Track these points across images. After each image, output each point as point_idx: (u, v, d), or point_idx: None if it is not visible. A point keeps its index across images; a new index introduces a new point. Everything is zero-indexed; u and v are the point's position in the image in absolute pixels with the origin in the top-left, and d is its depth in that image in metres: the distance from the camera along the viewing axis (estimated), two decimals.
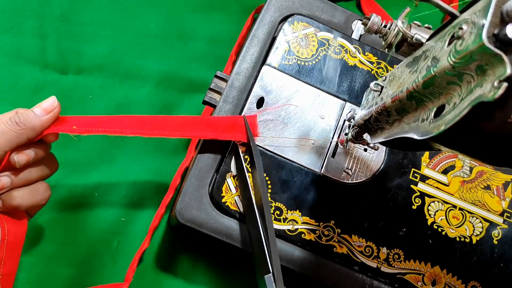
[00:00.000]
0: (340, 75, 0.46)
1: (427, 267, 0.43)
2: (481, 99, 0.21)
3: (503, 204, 0.45)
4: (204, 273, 0.47)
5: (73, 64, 0.50)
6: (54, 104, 0.35)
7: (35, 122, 0.34)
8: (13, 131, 0.33)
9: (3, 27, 0.49)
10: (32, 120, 0.34)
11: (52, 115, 0.35)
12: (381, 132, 0.35)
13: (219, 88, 0.45)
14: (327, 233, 0.42)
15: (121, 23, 0.51)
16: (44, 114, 0.35)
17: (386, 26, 0.32)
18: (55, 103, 0.35)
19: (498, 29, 0.21)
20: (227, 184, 0.42)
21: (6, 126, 0.33)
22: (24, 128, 0.34)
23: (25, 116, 0.34)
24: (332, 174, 0.43)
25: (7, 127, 0.33)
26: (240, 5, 0.55)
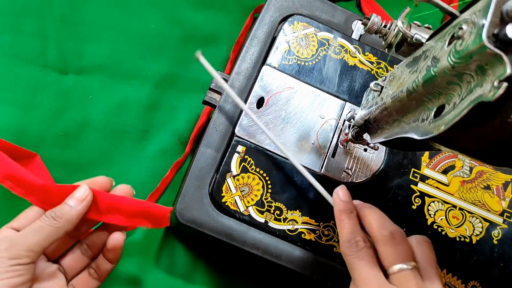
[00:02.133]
0: (340, 75, 0.46)
1: None
2: (481, 99, 0.21)
3: (503, 204, 0.45)
4: (204, 273, 0.47)
5: (73, 64, 0.50)
6: (86, 193, 0.35)
7: (71, 214, 0.34)
8: (51, 226, 0.33)
9: (3, 27, 0.49)
10: (68, 213, 0.34)
11: (86, 204, 0.35)
12: (381, 132, 0.35)
13: (219, 88, 0.45)
14: (327, 233, 0.42)
15: (121, 23, 0.51)
16: (78, 204, 0.34)
17: (386, 26, 0.32)
18: (87, 191, 0.35)
19: (498, 29, 0.21)
20: (227, 184, 0.42)
21: (44, 222, 0.33)
22: (61, 221, 0.34)
23: (60, 210, 0.34)
24: (332, 174, 0.43)
25: (44, 223, 0.33)
26: (240, 5, 0.55)
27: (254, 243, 0.41)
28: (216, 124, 0.44)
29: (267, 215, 0.42)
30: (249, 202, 0.42)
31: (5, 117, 0.47)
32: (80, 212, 0.34)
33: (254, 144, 0.43)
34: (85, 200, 0.35)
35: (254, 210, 0.42)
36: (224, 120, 0.44)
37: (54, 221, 0.33)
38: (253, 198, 0.42)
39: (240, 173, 0.42)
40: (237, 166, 0.42)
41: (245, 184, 0.42)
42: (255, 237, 0.41)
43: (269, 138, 0.37)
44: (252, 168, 0.42)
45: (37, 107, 0.47)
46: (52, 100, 0.48)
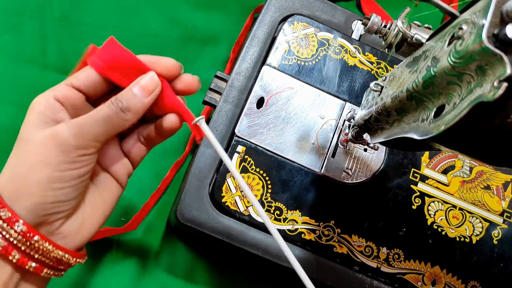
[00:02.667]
0: (340, 75, 0.46)
1: (427, 267, 0.43)
2: (481, 99, 0.21)
3: (503, 204, 0.45)
4: (204, 273, 0.47)
5: (73, 64, 0.49)
6: (154, 84, 0.31)
7: (138, 107, 0.30)
8: (118, 118, 0.29)
9: (3, 27, 0.49)
10: (135, 105, 0.30)
11: (154, 96, 0.31)
12: (381, 132, 0.35)
13: (219, 88, 0.45)
14: (327, 233, 0.42)
15: (121, 23, 0.51)
16: (146, 96, 0.30)
17: (386, 26, 0.32)
18: (155, 82, 0.31)
19: (498, 29, 0.21)
20: (227, 184, 0.42)
21: (112, 111, 0.29)
22: (129, 114, 0.30)
23: (128, 101, 0.30)
24: (332, 174, 0.43)
25: (113, 114, 0.29)
26: (240, 5, 0.55)
27: (254, 243, 0.41)
28: (216, 124, 0.44)
29: (267, 215, 0.42)
30: (249, 202, 0.42)
31: (5, 117, 0.47)
32: (148, 105, 0.30)
33: (254, 144, 0.43)
34: (153, 93, 0.31)
35: (254, 210, 0.42)
36: (224, 120, 0.44)
37: (122, 113, 0.30)
38: None
39: (240, 173, 0.42)
40: (237, 166, 0.42)
41: None
42: (255, 237, 0.41)
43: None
44: (252, 168, 0.42)
45: None
46: None
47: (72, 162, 0.28)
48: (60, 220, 0.29)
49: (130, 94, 0.30)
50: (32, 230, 0.27)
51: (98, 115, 0.29)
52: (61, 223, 0.29)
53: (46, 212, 0.28)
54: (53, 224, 0.29)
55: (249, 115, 0.44)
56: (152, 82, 0.31)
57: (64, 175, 0.28)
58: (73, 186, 0.29)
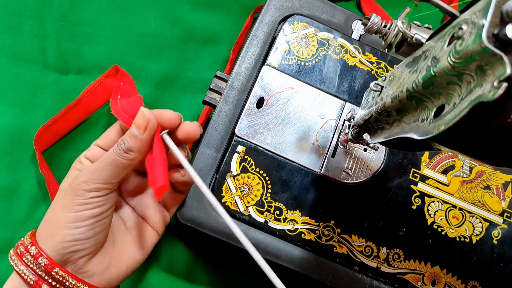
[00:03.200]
0: (340, 75, 0.46)
1: (427, 267, 0.43)
2: (481, 99, 0.21)
3: (503, 204, 0.45)
4: (204, 273, 0.47)
5: (73, 64, 0.50)
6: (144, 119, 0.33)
7: (138, 145, 0.33)
8: (124, 159, 0.33)
9: (3, 27, 0.49)
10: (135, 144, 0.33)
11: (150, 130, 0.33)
12: (381, 132, 0.35)
13: (219, 88, 0.45)
14: (327, 233, 0.42)
15: (121, 23, 0.51)
16: (142, 133, 0.33)
17: (386, 26, 0.32)
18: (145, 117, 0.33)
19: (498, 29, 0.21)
20: (227, 184, 0.42)
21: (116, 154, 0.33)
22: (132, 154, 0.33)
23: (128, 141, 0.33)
24: (332, 174, 0.43)
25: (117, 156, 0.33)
26: (240, 5, 0.55)
27: (254, 243, 0.41)
28: (216, 124, 0.44)
29: (267, 215, 0.42)
30: (249, 202, 0.42)
31: (5, 117, 0.47)
32: (146, 139, 0.33)
33: (254, 144, 0.43)
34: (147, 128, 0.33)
35: (254, 210, 0.42)
36: (224, 120, 0.44)
37: (126, 154, 0.33)
38: (253, 198, 0.42)
39: (240, 173, 0.42)
40: (237, 166, 0.42)
41: (245, 184, 0.42)
42: (255, 237, 0.41)
43: None
44: (252, 168, 0.42)
45: (37, 107, 0.48)
46: (52, 100, 0.48)
47: (85, 204, 0.32)
48: (82, 258, 0.33)
49: (129, 134, 0.33)
50: (54, 263, 0.31)
51: (107, 160, 0.33)
52: (85, 262, 0.33)
53: (67, 250, 0.32)
54: (77, 262, 0.32)
55: (249, 115, 0.44)
56: (142, 117, 0.33)
57: (78, 215, 0.32)
58: (89, 225, 0.32)
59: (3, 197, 0.45)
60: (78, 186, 0.32)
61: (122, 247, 0.36)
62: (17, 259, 0.32)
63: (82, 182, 0.32)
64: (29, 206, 0.45)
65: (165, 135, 0.34)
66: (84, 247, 0.32)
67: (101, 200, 0.32)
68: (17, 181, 0.46)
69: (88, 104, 0.47)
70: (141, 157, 0.34)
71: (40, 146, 0.45)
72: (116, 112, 0.35)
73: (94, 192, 0.32)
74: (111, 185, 0.33)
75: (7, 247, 0.44)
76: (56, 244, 0.32)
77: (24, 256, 0.32)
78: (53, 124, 0.45)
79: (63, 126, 0.47)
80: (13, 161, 0.46)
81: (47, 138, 0.46)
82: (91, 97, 0.47)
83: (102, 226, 0.33)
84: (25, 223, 0.45)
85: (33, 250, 0.32)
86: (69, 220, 0.32)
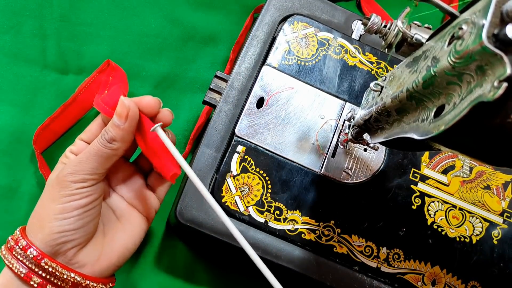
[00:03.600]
0: (340, 75, 0.46)
1: (427, 267, 0.43)
2: (481, 99, 0.21)
3: (503, 204, 0.45)
4: (204, 273, 0.47)
5: (73, 64, 0.50)
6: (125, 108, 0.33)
7: (121, 134, 0.33)
8: (108, 149, 0.33)
9: (3, 27, 0.49)
10: (118, 133, 0.33)
11: (132, 119, 0.33)
12: (381, 132, 0.35)
13: (219, 88, 0.45)
14: (327, 233, 0.42)
15: (121, 23, 0.51)
16: (124, 122, 0.33)
17: (386, 26, 0.32)
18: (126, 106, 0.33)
19: (498, 29, 0.21)
20: (227, 184, 0.42)
21: (100, 145, 0.33)
22: (116, 143, 0.33)
23: (111, 131, 0.33)
24: (332, 174, 0.43)
25: (101, 147, 0.33)
26: (240, 5, 0.55)
27: (254, 243, 0.41)
28: (216, 124, 0.44)
29: (267, 215, 0.42)
30: (249, 202, 0.42)
31: (5, 117, 0.47)
32: (129, 128, 0.33)
33: (254, 144, 0.43)
34: (129, 117, 0.33)
35: (254, 210, 0.42)
36: (224, 120, 0.44)
37: (110, 144, 0.33)
38: (253, 198, 0.42)
39: (240, 173, 0.42)
40: (237, 166, 0.42)
41: (245, 184, 0.42)
42: (255, 237, 0.41)
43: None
44: (252, 168, 0.42)
45: (37, 107, 0.48)
46: (52, 100, 0.48)
47: (72, 195, 0.32)
48: (73, 249, 0.33)
49: (111, 124, 0.33)
50: (43, 254, 0.32)
51: (91, 151, 0.33)
52: (75, 252, 0.33)
53: (56, 242, 0.32)
54: (68, 253, 0.33)
55: (249, 115, 0.44)
56: (123, 106, 0.33)
57: (65, 206, 0.32)
58: (77, 216, 0.32)
59: (3, 197, 0.45)
60: (64, 178, 0.32)
61: (112, 237, 0.36)
62: (8, 253, 0.32)
63: (68, 173, 0.32)
64: (29, 206, 0.45)
65: (159, 128, 0.34)
66: (73, 237, 0.32)
67: (88, 191, 0.33)
68: (17, 181, 0.46)
69: (84, 101, 0.47)
70: (125, 146, 0.34)
71: (39, 146, 0.45)
72: (98, 105, 0.35)
73: (80, 183, 0.32)
74: (97, 175, 0.33)
75: None
76: (45, 236, 0.32)
77: (14, 249, 0.32)
78: (50, 123, 0.45)
79: (61, 124, 0.47)
80: (13, 161, 0.46)
81: (46, 138, 0.46)
82: (87, 94, 0.47)
83: (91, 217, 0.33)
84: (25, 223, 0.45)
85: (22, 243, 0.32)
86: (57, 211, 0.32)
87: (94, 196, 0.33)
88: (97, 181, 0.33)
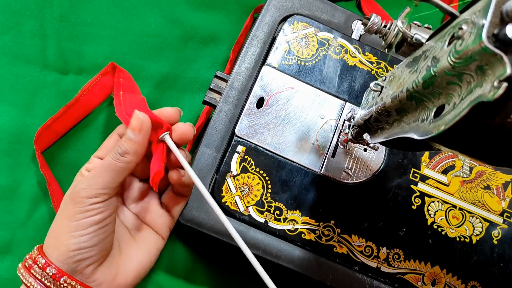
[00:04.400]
0: (340, 75, 0.46)
1: (427, 267, 0.43)
2: (481, 99, 0.21)
3: (503, 204, 0.45)
4: (204, 273, 0.47)
5: (73, 64, 0.50)
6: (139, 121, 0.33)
7: (134, 147, 0.33)
8: (120, 163, 0.33)
9: (3, 27, 0.49)
10: (131, 146, 0.33)
11: (145, 132, 0.34)
12: (381, 132, 0.35)
13: (219, 88, 0.45)
14: (327, 233, 0.42)
15: (121, 23, 0.51)
16: (137, 135, 0.33)
17: (386, 26, 0.32)
18: (139, 119, 0.33)
19: (498, 29, 0.21)
20: (227, 184, 0.42)
21: (113, 159, 0.33)
22: (129, 156, 0.33)
23: (124, 144, 0.33)
24: (332, 174, 0.43)
25: (113, 160, 0.33)
26: (240, 5, 0.55)
27: (254, 243, 0.41)
28: (216, 124, 0.44)
29: (267, 215, 0.42)
30: (249, 202, 0.42)
31: (5, 117, 0.47)
32: (142, 141, 0.34)
33: (254, 144, 0.43)
34: (142, 130, 0.33)
35: (254, 210, 0.42)
36: (224, 120, 0.44)
37: (122, 158, 0.33)
38: (253, 198, 0.42)
39: (240, 173, 0.42)
40: (237, 166, 0.42)
41: (245, 184, 0.42)
42: (255, 237, 0.41)
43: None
44: (252, 168, 0.42)
45: (37, 107, 0.48)
46: (52, 100, 0.48)
47: (86, 211, 0.32)
48: (90, 266, 0.33)
49: (125, 138, 0.33)
50: (61, 272, 0.31)
51: (104, 165, 0.33)
52: (92, 270, 0.33)
53: (73, 260, 0.32)
54: (85, 271, 0.32)
55: (249, 115, 0.44)
56: (137, 120, 0.33)
57: (80, 223, 0.32)
58: (92, 232, 0.32)
59: (3, 197, 0.45)
60: (77, 194, 0.32)
61: (128, 255, 0.36)
62: (25, 271, 0.32)
63: (81, 189, 0.32)
64: (29, 206, 0.45)
65: (166, 136, 0.35)
66: (89, 255, 0.32)
67: (101, 206, 0.33)
68: (17, 181, 0.46)
69: (87, 102, 0.47)
70: (137, 160, 0.34)
71: (40, 146, 0.45)
72: (121, 115, 0.36)
73: (93, 199, 0.32)
74: (109, 189, 0.33)
75: (7, 247, 0.44)
76: (61, 254, 0.32)
77: (32, 268, 0.32)
78: (52, 123, 0.45)
79: (63, 125, 0.47)
80: (13, 161, 0.46)
81: (47, 138, 0.46)
82: (89, 95, 0.47)
83: (106, 233, 0.33)
84: (25, 223, 0.45)
85: (40, 261, 0.32)
86: (72, 229, 0.32)
87: (108, 212, 0.33)
88: (110, 196, 0.33)
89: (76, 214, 0.32)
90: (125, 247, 0.36)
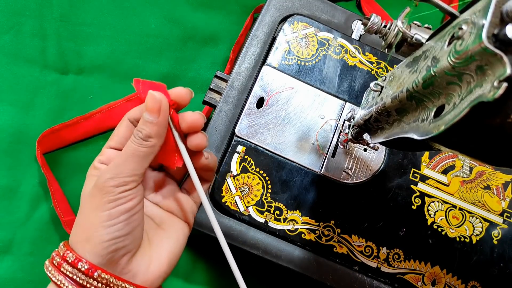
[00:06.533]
0: (340, 75, 0.46)
1: (427, 267, 0.43)
2: (480, 99, 0.21)
3: (503, 204, 0.45)
4: (204, 273, 0.47)
5: (73, 64, 0.50)
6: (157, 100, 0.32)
7: (156, 130, 0.32)
8: (144, 147, 0.32)
9: (3, 27, 0.49)
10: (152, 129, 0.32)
11: (164, 112, 0.32)
12: (381, 132, 0.35)
13: (219, 88, 0.45)
14: (327, 233, 0.42)
15: (121, 23, 0.51)
16: (157, 116, 0.32)
17: (386, 26, 0.32)
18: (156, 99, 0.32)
19: (498, 29, 0.21)
20: (227, 184, 0.42)
21: (136, 144, 0.32)
22: (152, 140, 0.32)
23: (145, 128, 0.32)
24: (332, 174, 0.43)
25: (137, 146, 0.32)
26: (240, 5, 0.55)
27: (254, 243, 0.41)
28: (216, 124, 0.44)
29: (267, 215, 0.42)
30: (249, 202, 0.42)
31: (5, 117, 0.47)
32: (163, 122, 0.32)
33: (254, 144, 0.43)
34: (162, 110, 0.32)
35: (254, 210, 0.42)
36: (224, 120, 0.44)
37: (146, 142, 0.32)
38: (253, 198, 0.42)
39: (240, 173, 0.42)
40: (237, 166, 0.42)
41: (245, 184, 0.42)
42: (255, 237, 0.41)
43: None
44: (252, 168, 0.42)
45: (37, 107, 0.48)
46: (52, 100, 0.48)
47: (116, 199, 0.31)
48: (125, 256, 0.32)
49: (143, 122, 0.32)
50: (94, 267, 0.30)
51: (128, 152, 0.32)
52: (127, 261, 0.32)
53: (108, 250, 0.31)
54: (120, 261, 0.32)
55: (249, 115, 0.44)
56: (153, 100, 0.32)
57: (111, 212, 0.31)
58: (124, 221, 0.31)
59: (3, 197, 0.45)
60: (105, 183, 0.31)
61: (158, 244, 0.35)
62: (54, 269, 0.31)
63: (108, 179, 0.31)
64: (29, 206, 0.45)
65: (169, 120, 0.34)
66: (124, 244, 0.31)
67: (131, 194, 0.32)
68: (17, 181, 0.46)
69: (102, 121, 0.47)
70: (160, 142, 0.33)
71: (43, 147, 0.45)
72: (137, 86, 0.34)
73: (122, 187, 0.31)
74: (137, 177, 0.32)
75: (7, 247, 0.44)
76: (94, 246, 0.30)
77: (61, 266, 0.31)
78: (61, 129, 0.45)
79: (71, 134, 0.46)
80: (14, 161, 0.46)
81: (51, 141, 0.46)
82: (107, 115, 0.47)
83: (137, 221, 0.32)
84: (25, 223, 0.45)
85: (70, 257, 0.31)
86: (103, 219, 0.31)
87: (138, 198, 0.32)
88: (138, 183, 0.32)
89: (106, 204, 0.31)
90: (153, 237, 0.35)
